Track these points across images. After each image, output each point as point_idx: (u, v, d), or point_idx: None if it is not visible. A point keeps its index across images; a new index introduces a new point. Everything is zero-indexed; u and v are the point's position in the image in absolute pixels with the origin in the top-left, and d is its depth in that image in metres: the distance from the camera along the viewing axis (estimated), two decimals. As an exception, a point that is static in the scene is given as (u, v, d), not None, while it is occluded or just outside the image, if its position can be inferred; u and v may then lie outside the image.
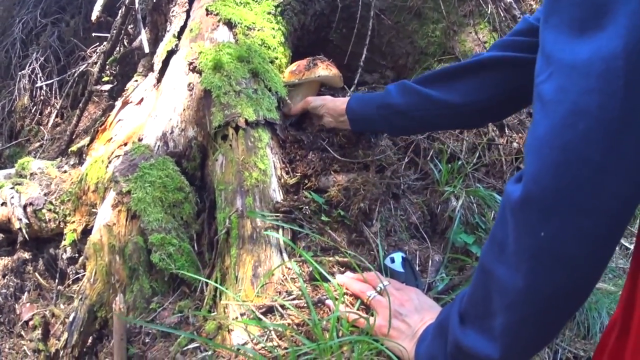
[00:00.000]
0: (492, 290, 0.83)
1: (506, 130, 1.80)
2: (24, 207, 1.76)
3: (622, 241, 2.05)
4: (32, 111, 2.71)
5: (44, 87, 2.72)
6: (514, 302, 0.79)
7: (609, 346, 0.87)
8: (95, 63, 2.45)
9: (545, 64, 0.75)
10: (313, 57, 1.67)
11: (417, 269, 1.38)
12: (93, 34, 2.65)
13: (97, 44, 2.67)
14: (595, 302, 1.83)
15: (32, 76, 2.75)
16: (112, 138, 1.74)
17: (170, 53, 1.76)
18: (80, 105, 2.29)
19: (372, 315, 1.13)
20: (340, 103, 1.55)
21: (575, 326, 1.81)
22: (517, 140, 1.77)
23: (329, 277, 1.23)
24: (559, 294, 0.76)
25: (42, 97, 2.72)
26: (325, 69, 1.62)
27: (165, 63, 1.76)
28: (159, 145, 1.56)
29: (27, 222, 1.74)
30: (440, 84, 1.34)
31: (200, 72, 1.60)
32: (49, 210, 1.74)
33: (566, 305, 0.79)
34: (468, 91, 1.29)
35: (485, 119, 1.48)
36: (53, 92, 2.70)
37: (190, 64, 1.63)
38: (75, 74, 2.63)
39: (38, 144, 2.58)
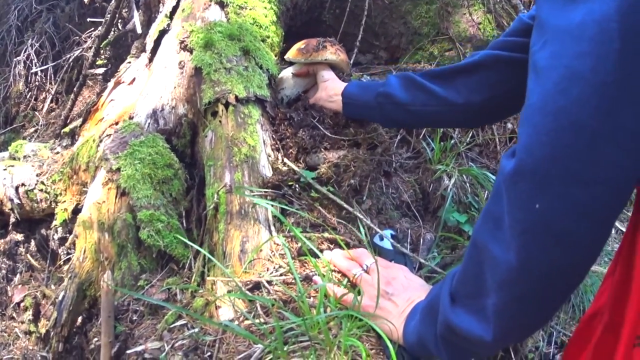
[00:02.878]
0: (485, 268, 0.80)
1: (500, 111, 1.78)
2: (16, 188, 1.75)
3: (617, 224, 2.03)
4: (27, 97, 2.71)
5: (39, 73, 2.71)
6: (507, 281, 0.76)
7: (594, 339, 0.83)
8: (90, 48, 2.44)
9: (539, 34, 0.73)
10: (324, 38, 1.63)
11: (407, 247, 1.37)
12: (88, 19, 2.65)
13: (92, 29, 2.66)
14: (590, 285, 1.82)
15: (27, 62, 2.74)
16: (103, 118, 1.73)
17: (162, 33, 1.75)
18: (75, 89, 2.28)
19: (359, 293, 1.11)
20: (339, 84, 1.54)
21: (570, 309, 1.79)
22: (510, 121, 1.76)
23: (317, 252, 1.21)
24: (554, 271, 0.73)
25: (37, 83, 2.71)
26: (333, 54, 1.58)
27: (157, 42, 1.74)
28: (149, 123, 1.55)
29: (19, 202, 1.73)
30: (442, 81, 1.32)
31: (191, 51, 1.59)
32: (41, 190, 1.73)
33: (562, 284, 0.75)
34: (469, 90, 1.28)
35: (483, 119, 1.48)
36: (48, 77, 2.70)
37: (182, 42, 1.62)
38: (70, 59, 2.62)
39: (33, 129, 2.58)
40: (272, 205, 1.31)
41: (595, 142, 0.66)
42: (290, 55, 1.63)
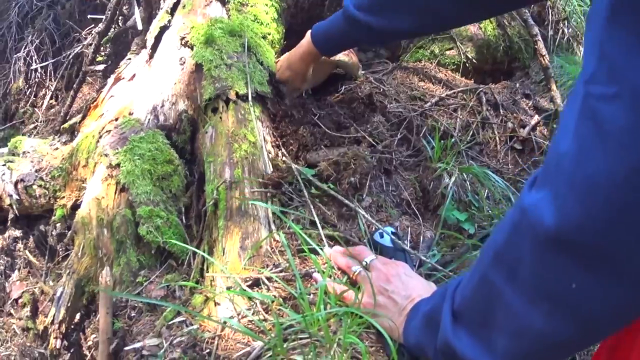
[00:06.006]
0: (496, 308, 0.74)
1: (501, 110, 1.78)
2: (15, 184, 1.75)
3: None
4: (27, 93, 2.70)
5: (39, 70, 2.71)
6: (521, 335, 0.72)
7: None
8: (90, 44, 2.43)
9: (606, 74, 0.57)
10: None
11: (407, 244, 1.37)
12: (88, 16, 2.65)
13: (92, 25, 2.66)
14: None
15: (27, 59, 2.74)
16: (103, 114, 1.72)
17: (163, 29, 1.74)
18: (75, 86, 2.28)
19: (360, 290, 1.10)
20: (300, 49, 1.51)
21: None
22: (511, 120, 1.75)
23: (318, 249, 1.21)
24: (570, 343, 0.70)
25: (37, 80, 2.71)
26: (345, 55, 1.57)
27: (158, 39, 1.74)
28: (149, 119, 1.55)
29: (18, 198, 1.72)
30: None
31: (192, 47, 1.58)
32: (40, 186, 1.73)
33: (576, 350, 0.78)
34: None
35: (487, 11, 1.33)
36: (48, 74, 2.70)
37: (182, 38, 1.62)
38: (70, 56, 2.62)
39: (32, 125, 2.58)
40: (272, 202, 1.31)
41: None
42: None
